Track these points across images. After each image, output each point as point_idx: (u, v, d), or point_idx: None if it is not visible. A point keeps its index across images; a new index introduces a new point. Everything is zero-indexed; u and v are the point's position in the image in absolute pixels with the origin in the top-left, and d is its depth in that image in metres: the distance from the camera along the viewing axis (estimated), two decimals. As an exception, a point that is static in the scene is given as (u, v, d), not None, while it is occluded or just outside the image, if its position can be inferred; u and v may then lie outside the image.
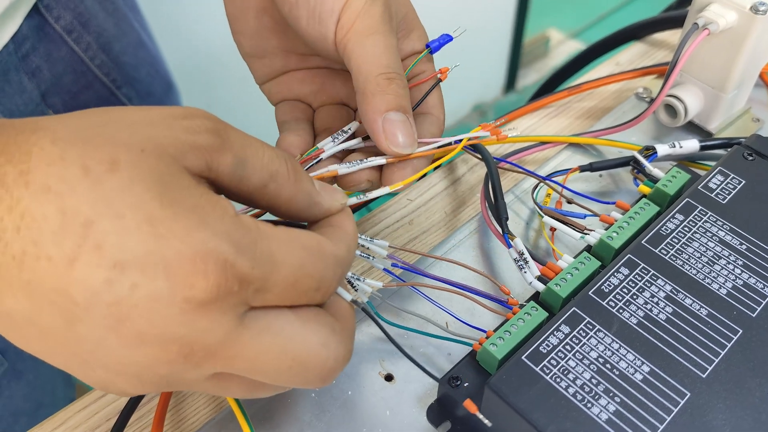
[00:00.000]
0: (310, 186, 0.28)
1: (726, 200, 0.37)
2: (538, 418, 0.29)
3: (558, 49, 2.09)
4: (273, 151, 0.27)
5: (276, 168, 0.27)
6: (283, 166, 0.27)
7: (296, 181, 0.28)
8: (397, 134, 0.34)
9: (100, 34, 0.57)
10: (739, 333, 0.32)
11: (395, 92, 0.33)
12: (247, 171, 0.26)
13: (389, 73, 0.34)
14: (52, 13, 0.53)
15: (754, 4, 0.42)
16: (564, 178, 0.43)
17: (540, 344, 0.31)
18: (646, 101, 0.52)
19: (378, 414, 0.35)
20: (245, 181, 0.26)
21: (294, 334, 0.25)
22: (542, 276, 0.36)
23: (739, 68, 0.44)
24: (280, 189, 0.27)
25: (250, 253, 0.23)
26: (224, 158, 0.25)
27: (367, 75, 0.33)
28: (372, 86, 0.33)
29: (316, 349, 0.26)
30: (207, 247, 0.22)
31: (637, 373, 0.30)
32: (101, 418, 0.37)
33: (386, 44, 0.34)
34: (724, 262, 0.35)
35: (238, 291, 0.23)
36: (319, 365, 0.26)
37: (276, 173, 0.27)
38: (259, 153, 0.26)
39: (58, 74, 0.54)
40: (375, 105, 0.33)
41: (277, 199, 0.27)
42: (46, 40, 0.53)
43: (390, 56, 0.34)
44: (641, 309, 0.33)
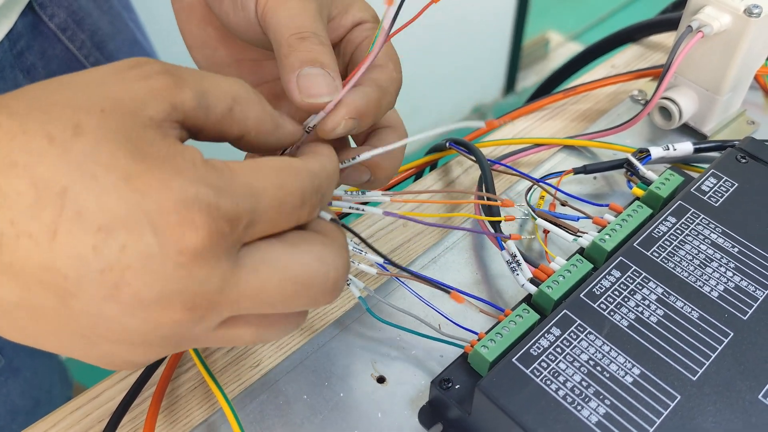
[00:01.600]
0: (271, 108, 0.28)
1: (719, 203, 0.37)
2: (528, 421, 0.29)
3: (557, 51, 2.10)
4: (227, 78, 0.27)
5: (236, 90, 0.27)
6: (242, 89, 0.27)
7: (259, 102, 0.27)
8: (312, 86, 0.31)
9: (95, 32, 0.57)
10: (730, 336, 0.32)
11: (308, 48, 0.31)
12: (211, 99, 0.26)
13: (302, 32, 0.31)
14: (46, 11, 0.53)
15: (748, 6, 0.42)
16: (558, 180, 0.43)
17: (531, 346, 0.31)
18: (641, 104, 0.52)
19: (370, 416, 0.35)
20: (211, 110, 0.26)
21: (289, 258, 0.25)
22: (534, 278, 0.36)
23: (734, 71, 0.44)
24: (246, 110, 0.27)
25: (230, 191, 0.23)
26: (184, 94, 0.25)
27: (280, 37, 0.32)
28: (284, 47, 0.31)
29: (314, 266, 0.25)
30: (188, 195, 0.22)
31: (627, 376, 0.30)
32: (93, 419, 0.37)
33: (301, 8, 0.32)
34: (716, 264, 0.35)
35: (230, 232, 0.23)
36: (321, 279, 0.26)
37: (237, 95, 0.27)
38: (216, 81, 0.26)
39: (53, 72, 0.55)
40: (287, 65, 0.31)
41: (246, 123, 0.27)
42: (41, 38, 0.53)
43: (305, 18, 0.32)
44: (632, 311, 0.33)
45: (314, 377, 0.37)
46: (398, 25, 0.32)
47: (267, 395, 0.36)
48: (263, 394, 0.36)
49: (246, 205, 0.23)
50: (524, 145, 0.48)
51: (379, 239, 0.44)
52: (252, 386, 0.37)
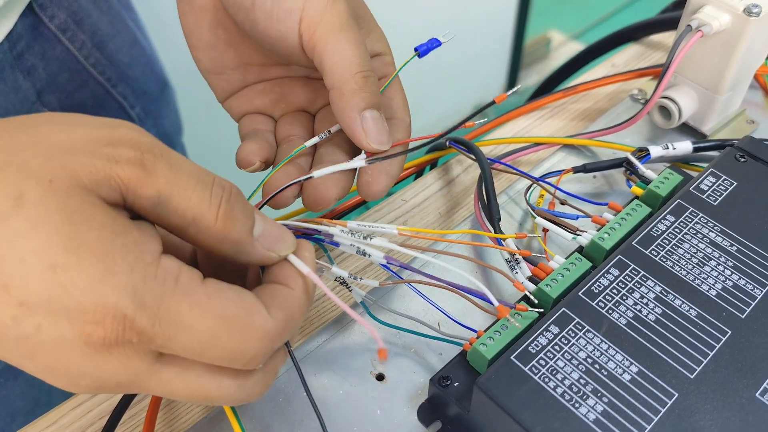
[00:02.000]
0: (242, 235, 0.26)
1: (717, 202, 0.37)
2: (526, 418, 0.29)
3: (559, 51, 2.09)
4: (205, 189, 0.25)
5: (202, 212, 0.25)
6: (211, 212, 0.25)
7: (224, 229, 0.25)
8: (376, 132, 0.34)
9: (95, 33, 0.57)
10: (728, 334, 0.32)
11: (371, 90, 0.34)
12: (168, 210, 0.24)
13: (365, 71, 0.33)
14: (46, 12, 0.53)
15: (747, 6, 0.42)
16: (557, 179, 0.43)
17: (529, 344, 0.32)
18: (641, 103, 0.52)
19: (369, 413, 0.35)
20: (164, 219, 0.25)
21: (206, 382, 0.25)
22: (533, 276, 0.36)
23: (733, 70, 0.44)
24: (201, 235, 0.25)
25: (152, 311, 0.23)
26: (144, 192, 0.24)
27: (343, 73, 0.33)
28: (350, 84, 0.33)
29: (228, 391, 0.26)
30: (107, 301, 0.22)
31: (625, 374, 0.31)
32: (94, 416, 0.37)
33: (357, 41, 0.34)
34: (715, 263, 0.35)
35: (138, 343, 0.23)
36: (231, 401, 0.27)
37: (199, 219, 0.25)
38: (187, 190, 0.25)
39: (53, 73, 0.55)
40: (354, 103, 0.33)
41: (198, 243, 0.26)
42: (41, 39, 0.53)
43: (363, 53, 0.34)
44: (630, 310, 0.33)
45: (314, 375, 0.37)
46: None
47: (266, 393, 0.36)
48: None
49: (162, 331, 0.23)
50: (524, 144, 0.48)
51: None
52: (252, 383, 0.37)
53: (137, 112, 0.63)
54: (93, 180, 0.23)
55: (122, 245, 0.23)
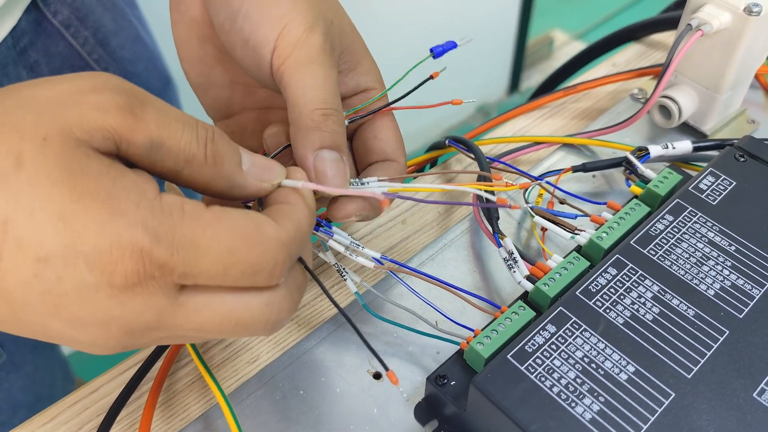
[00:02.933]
0: (232, 169, 0.27)
1: (716, 201, 0.37)
2: (522, 417, 0.29)
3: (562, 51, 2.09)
4: (193, 131, 0.26)
5: (192, 152, 0.26)
6: (200, 151, 0.26)
7: (214, 165, 0.26)
8: (327, 173, 0.31)
9: (98, 29, 0.57)
10: (725, 334, 0.32)
11: (330, 129, 0.32)
12: (161, 155, 0.25)
13: (326, 108, 0.32)
14: (50, 8, 0.53)
15: (747, 5, 0.42)
16: (556, 178, 0.43)
17: (526, 343, 0.31)
18: (641, 102, 0.52)
19: (366, 411, 0.35)
20: (158, 164, 0.25)
21: (234, 304, 0.25)
22: (531, 275, 0.36)
23: (733, 69, 0.44)
24: (195, 174, 0.26)
25: (168, 240, 0.23)
26: (136, 138, 0.24)
27: (302, 108, 0.32)
28: (306, 121, 0.31)
29: (258, 311, 0.26)
30: (121, 238, 0.22)
31: (622, 373, 0.30)
32: (92, 413, 0.37)
33: (324, 76, 0.32)
34: (713, 263, 0.35)
35: (161, 276, 0.23)
36: (263, 323, 0.26)
37: (192, 159, 0.26)
38: (177, 134, 0.25)
39: (56, 69, 0.55)
40: (308, 141, 0.31)
41: (194, 183, 0.27)
42: (44, 34, 0.53)
43: (327, 90, 0.32)
44: (628, 309, 0.33)
45: (311, 373, 0.37)
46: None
47: (263, 390, 0.36)
48: (260, 390, 0.36)
49: (181, 258, 0.23)
50: (523, 143, 0.48)
51: (378, 236, 0.44)
52: (249, 381, 0.37)
53: None
54: (85, 131, 0.23)
55: (122, 187, 0.23)
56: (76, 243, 0.22)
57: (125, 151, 0.24)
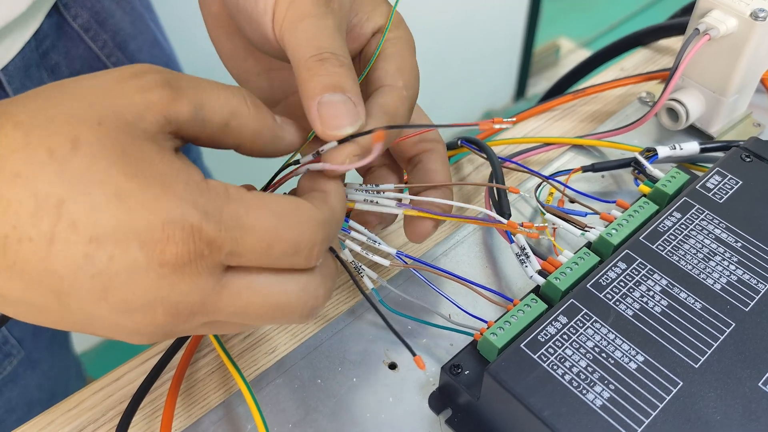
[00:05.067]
0: (271, 120, 0.29)
1: (723, 200, 0.38)
2: (535, 403, 0.30)
3: (568, 58, 2.10)
4: (228, 89, 0.28)
5: (235, 105, 0.27)
6: (242, 103, 0.28)
7: (257, 115, 0.28)
8: (334, 116, 0.29)
9: (116, 33, 0.59)
10: (731, 326, 0.33)
11: (328, 71, 0.30)
12: (207, 113, 0.26)
13: (320, 53, 0.30)
14: (70, 12, 0.55)
15: (754, 10, 0.43)
16: (567, 177, 0.45)
17: (538, 333, 0.33)
18: (649, 105, 0.53)
19: (381, 400, 0.36)
20: (208, 124, 0.27)
21: (273, 286, 0.26)
22: (543, 270, 0.37)
23: (740, 73, 0.45)
24: (243, 125, 0.28)
25: (216, 218, 0.24)
26: (181, 107, 0.26)
27: (299, 59, 0.30)
28: (303, 71, 0.30)
29: (296, 295, 0.27)
30: (173, 214, 0.23)
31: (631, 363, 0.32)
32: (115, 400, 0.38)
33: (318, 26, 0.31)
34: (719, 258, 0.36)
35: (210, 254, 0.24)
36: (300, 308, 0.27)
37: (236, 110, 0.27)
38: (215, 94, 0.27)
39: (76, 71, 0.56)
40: (308, 90, 0.30)
41: (242, 136, 0.28)
42: (65, 38, 0.55)
43: (323, 37, 0.31)
44: (637, 302, 0.34)
45: (328, 363, 0.38)
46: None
47: (282, 379, 0.37)
48: (279, 378, 0.37)
49: (229, 235, 0.24)
50: (534, 144, 0.49)
51: (392, 232, 0.45)
52: (268, 371, 0.38)
53: None
54: (135, 114, 0.24)
55: (172, 169, 0.24)
56: (131, 219, 0.23)
57: (175, 121, 0.26)
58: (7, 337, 0.53)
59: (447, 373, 0.34)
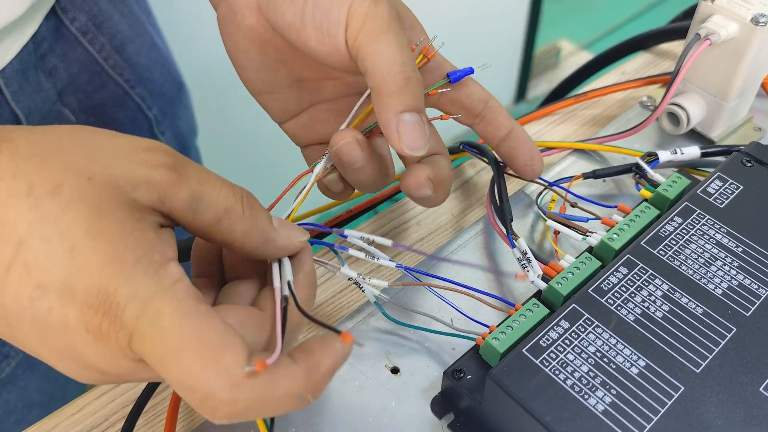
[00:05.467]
0: (265, 223, 0.29)
1: (724, 204, 0.39)
2: (537, 408, 0.30)
3: (569, 60, 2.11)
4: (230, 187, 0.28)
5: (231, 204, 0.28)
6: (238, 203, 0.28)
7: (251, 218, 0.28)
8: (411, 136, 0.33)
9: (114, 36, 0.59)
10: (733, 331, 0.33)
11: (412, 92, 0.33)
12: (202, 206, 0.27)
13: (406, 72, 0.33)
14: (68, 15, 0.55)
15: (755, 15, 0.43)
16: (568, 184, 0.45)
17: (540, 338, 0.33)
18: (650, 109, 0.53)
19: (384, 404, 0.36)
20: (199, 216, 0.27)
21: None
22: (544, 275, 0.37)
23: (740, 78, 0.46)
24: (234, 225, 0.28)
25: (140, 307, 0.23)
26: (179, 192, 0.26)
27: (384, 74, 0.33)
28: (389, 86, 0.32)
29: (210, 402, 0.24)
30: (108, 286, 0.23)
31: (633, 367, 0.32)
32: (118, 405, 0.38)
33: (399, 43, 0.33)
34: (721, 263, 0.36)
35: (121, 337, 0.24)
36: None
37: (231, 209, 0.27)
38: (216, 188, 0.27)
39: (74, 74, 0.56)
40: (392, 105, 0.33)
41: (232, 235, 0.28)
42: (63, 41, 0.55)
43: (405, 54, 0.33)
44: (639, 307, 0.34)
45: (331, 367, 0.38)
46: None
47: (285, 384, 0.37)
48: (281, 383, 0.37)
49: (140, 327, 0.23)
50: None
51: (393, 237, 0.46)
52: (270, 375, 0.38)
53: (154, 113, 0.64)
54: (130, 182, 0.25)
55: (136, 240, 0.24)
56: (75, 278, 0.23)
57: (169, 204, 0.26)
58: None
59: (449, 377, 0.34)
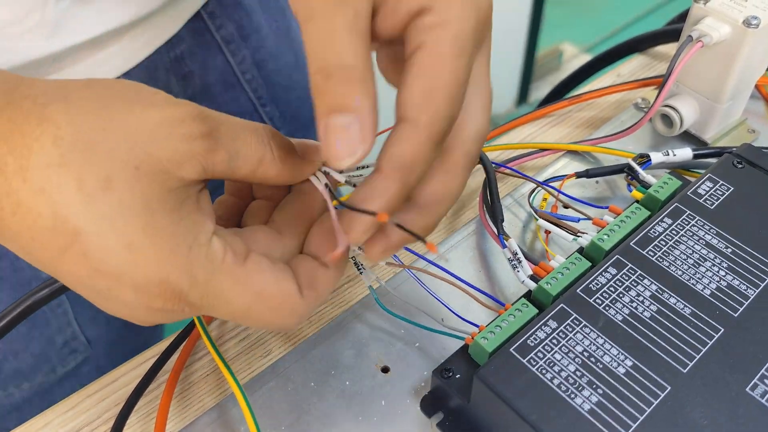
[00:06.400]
0: (293, 158, 0.30)
1: (714, 206, 0.39)
2: (524, 407, 0.31)
3: (571, 63, 2.11)
4: (257, 134, 0.29)
5: (262, 153, 0.29)
6: (268, 151, 0.29)
7: (281, 160, 0.30)
8: (335, 143, 0.26)
9: (257, 50, 0.58)
10: (720, 331, 0.33)
11: (333, 91, 0.26)
12: (239, 162, 0.28)
13: (326, 68, 0.26)
14: (215, 22, 0.53)
15: (746, 18, 0.43)
16: (561, 183, 0.45)
17: (528, 338, 0.33)
18: (644, 111, 0.53)
19: (374, 403, 0.37)
20: (237, 170, 0.28)
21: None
22: (534, 275, 0.38)
23: (733, 80, 0.46)
24: (267, 170, 0.30)
25: (202, 287, 0.27)
26: (218, 157, 0.27)
27: (309, 73, 0.27)
28: (312, 89, 0.27)
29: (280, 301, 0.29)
30: (169, 278, 0.26)
31: (620, 367, 0.32)
32: (111, 402, 0.38)
33: (325, 30, 0.26)
34: (710, 264, 0.36)
35: (189, 311, 0.27)
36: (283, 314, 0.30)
37: (263, 158, 0.29)
38: (247, 141, 0.28)
39: (209, 83, 0.55)
40: (316, 110, 0.27)
41: (266, 178, 0.30)
42: (204, 46, 0.53)
43: (329, 46, 0.26)
44: (627, 307, 0.34)
45: (321, 366, 0.38)
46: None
47: (276, 382, 0.38)
48: (272, 381, 0.38)
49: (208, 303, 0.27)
50: (529, 149, 0.49)
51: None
52: (262, 374, 0.38)
53: None
54: (175, 162, 0.26)
55: (185, 227, 0.26)
56: (134, 271, 0.25)
57: (211, 170, 0.27)
58: (77, 333, 0.53)
59: (438, 376, 0.35)
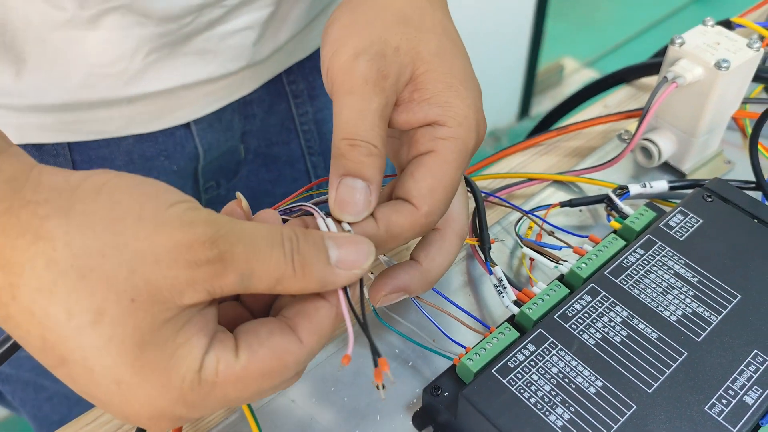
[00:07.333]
0: (320, 271, 0.28)
1: (683, 237, 0.42)
2: (503, 424, 0.34)
3: (572, 78, 2.14)
4: (279, 248, 0.27)
5: (282, 271, 0.27)
6: (289, 267, 0.27)
7: (303, 277, 0.27)
8: (346, 200, 0.31)
9: (320, 110, 0.60)
10: (684, 355, 0.37)
11: (355, 158, 0.31)
12: (253, 281, 0.26)
13: (353, 139, 0.31)
14: (289, 77, 0.56)
15: (717, 60, 0.47)
16: (545, 212, 0.48)
17: (508, 360, 0.36)
18: (627, 143, 0.57)
19: (370, 418, 0.40)
20: (251, 288, 0.27)
21: None
22: (518, 300, 0.41)
23: (707, 117, 0.49)
24: (288, 287, 0.28)
25: (197, 408, 0.27)
26: (227, 280, 0.26)
27: (334, 138, 0.32)
28: (335, 150, 0.31)
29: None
30: (163, 410, 0.26)
31: (591, 387, 0.35)
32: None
33: (361, 108, 0.31)
34: (677, 292, 0.39)
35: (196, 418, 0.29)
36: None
37: (281, 278, 0.27)
38: (265, 260, 0.26)
39: (269, 124, 0.58)
40: (334, 168, 0.31)
41: (287, 292, 0.28)
42: (274, 95, 0.56)
43: (360, 121, 0.31)
44: (599, 332, 0.37)
45: (322, 383, 0.42)
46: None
47: (279, 397, 0.41)
48: (277, 397, 0.41)
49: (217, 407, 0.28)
50: (518, 179, 0.53)
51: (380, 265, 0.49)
52: (267, 390, 0.42)
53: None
54: (175, 291, 0.25)
55: (179, 359, 0.25)
56: (122, 406, 0.26)
57: (218, 292, 0.26)
58: None
59: (428, 394, 0.38)
